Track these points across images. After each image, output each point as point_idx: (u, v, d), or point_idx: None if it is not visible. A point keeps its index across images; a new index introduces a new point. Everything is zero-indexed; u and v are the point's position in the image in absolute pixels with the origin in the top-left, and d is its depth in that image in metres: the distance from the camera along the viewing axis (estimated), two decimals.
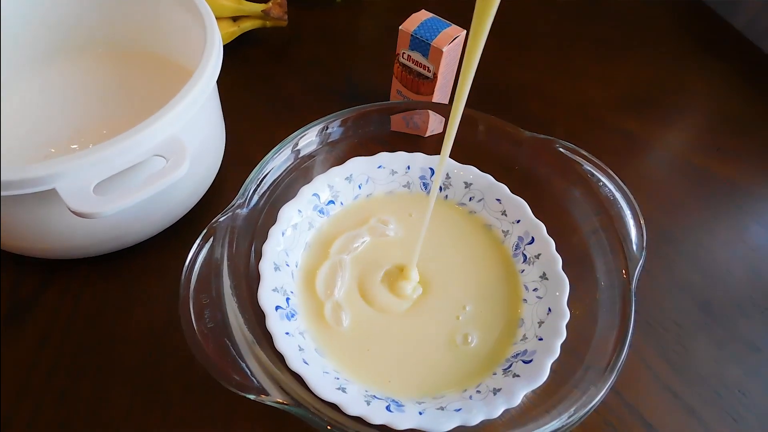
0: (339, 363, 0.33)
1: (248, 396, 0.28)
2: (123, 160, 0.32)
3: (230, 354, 0.30)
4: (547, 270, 0.36)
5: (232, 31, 0.56)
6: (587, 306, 0.35)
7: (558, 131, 0.55)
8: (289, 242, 0.36)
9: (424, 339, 0.34)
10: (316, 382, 0.29)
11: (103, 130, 0.45)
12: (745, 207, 0.51)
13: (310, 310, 0.35)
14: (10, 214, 0.34)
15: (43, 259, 0.40)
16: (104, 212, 0.31)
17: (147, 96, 0.47)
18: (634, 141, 0.56)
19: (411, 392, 0.32)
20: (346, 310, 0.35)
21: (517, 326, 0.35)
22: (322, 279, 0.36)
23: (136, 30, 0.49)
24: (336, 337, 0.34)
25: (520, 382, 0.31)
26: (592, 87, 0.61)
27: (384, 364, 0.33)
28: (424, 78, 0.47)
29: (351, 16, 0.66)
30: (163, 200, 0.39)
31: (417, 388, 0.32)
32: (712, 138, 0.57)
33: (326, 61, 0.60)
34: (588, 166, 0.38)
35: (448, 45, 0.44)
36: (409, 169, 0.41)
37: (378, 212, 0.40)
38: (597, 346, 0.33)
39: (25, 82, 0.47)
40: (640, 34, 0.68)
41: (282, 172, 0.37)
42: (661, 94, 0.61)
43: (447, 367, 0.33)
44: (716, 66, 0.65)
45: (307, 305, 0.35)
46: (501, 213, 0.40)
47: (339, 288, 0.36)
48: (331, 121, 0.38)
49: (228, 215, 0.33)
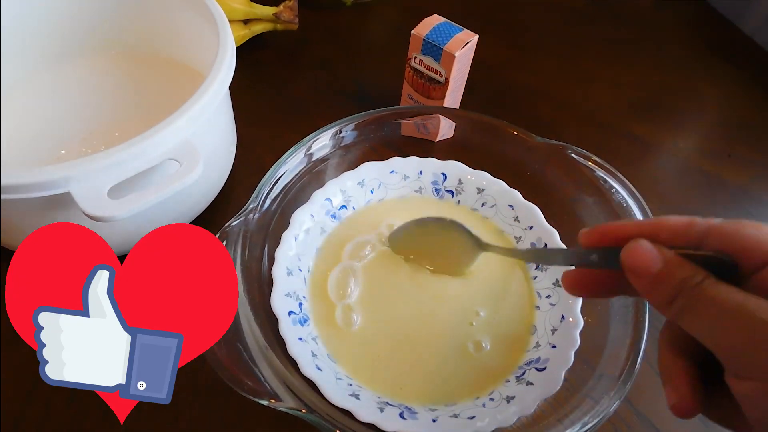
0: (351, 369, 0.33)
1: (261, 401, 0.28)
2: (137, 164, 0.32)
3: (243, 359, 0.30)
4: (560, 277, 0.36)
5: (243, 34, 0.56)
6: (599, 314, 0.35)
7: (568, 136, 0.55)
8: (302, 247, 0.36)
9: (436, 345, 0.34)
10: (329, 388, 0.29)
11: (114, 132, 0.45)
12: (756, 214, 0.51)
13: (322, 315, 0.35)
14: (22, 216, 0.34)
15: None
16: (118, 215, 0.31)
17: (158, 99, 0.47)
18: (644, 146, 0.56)
19: (424, 399, 0.32)
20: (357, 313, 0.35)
21: (530, 333, 0.35)
22: (334, 283, 0.36)
23: (149, 32, 0.49)
24: (348, 342, 0.34)
25: (533, 391, 0.31)
26: (602, 91, 0.60)
27: (396, 371, 0.33)
28: (436, 82, 0.47)
29: (361, 19, 0.66)
30: (175, 203, 0.39)
31: (430, 395, 0.32)
32: (723, 144, 0.57)
33: (336, 64, 0.60)
34: (600, 172, 0.38)
35: (461, 50, 0.44)
36: (422, 174, 0.41)
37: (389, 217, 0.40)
38: (610, 354, 0.32)
39: (39, 82, 0.47)
40: (650, 38, 0.68)
41: (295, 175, 0.37)
42: (671, 98, 0.61)
43: (460, 374, 0.33)
44: (726, 71, 0.64)
45: (318, 310, 0.35)
46: (514, 219, 0.39)
47: (351, 292, 0.36)
48: (345, 125, 0.38)
49: (240, 219, 0.33)
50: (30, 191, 0.31)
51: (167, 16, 0.47)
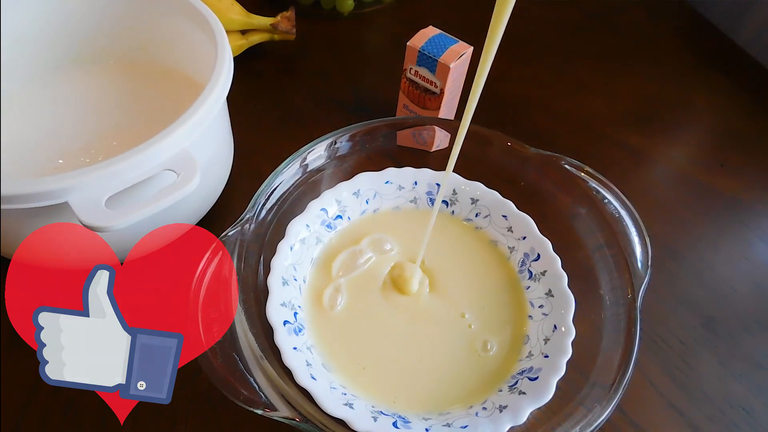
0: (345, 378, 0.33)
1: (255, 411, 0.28)
2: (135, 174, 0.33)
3: (238, 368, 0.30)
4: (552, 287, 0.37)
5: (240, 44, 0.57)
6: (592, 323, 0.35)
7: (562, 146, 0.56)
8: (297, 257, 0.37)
9: (429, 355, 0.34)
10: (323, 398, 0.29)
11: (113, 142, 0.46)
12: (749, 223, 0.51)
13: (317, 325, 0.35)
14: (20, 226, 0.35)
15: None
16: (116, 226, 0.31)
17: (156, 108, 0.48)
18: (637, 156, 0.56)
19: (417, 408, 0.32)
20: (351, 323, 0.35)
21: (523, 343, 0.35)
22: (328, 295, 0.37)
23: (146, 42, 0.49)
24: (342, 352, 0.34)
25: (526, 400, 0.31)
26: (596, 102, 0.61)
27: (390, 380, 0.33)
28: (431, 93, 0.48)
29: (358, 30, 0.67)
30: (172, 213, 0.39)
31: (423, 405, 0.32)
32: (716, 154, 0.58)
33: (333, 74, 0.60)
34: (593, 183, 0.39)
35: (455, 61, 0.45)
36: (416, 185, 0.41)
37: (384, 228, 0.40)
38: (602, 363, 0.33)
39: (37, 91, 0.48)
40: (644, 49, 0.69)
41: (291, 185, 0.38)
42: (664, 109, 0.61)
43: (452, 384, 0.33)
44: (720, 82, 0.65)
45: (313, 320, 0.35)
46: (507, 229, 0.40)
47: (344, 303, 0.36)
48: (340, 136, 0.39)
49: (237, 229, 0.34)
50: (29, 201, 0.31)
51: (165, 26, 0.47)
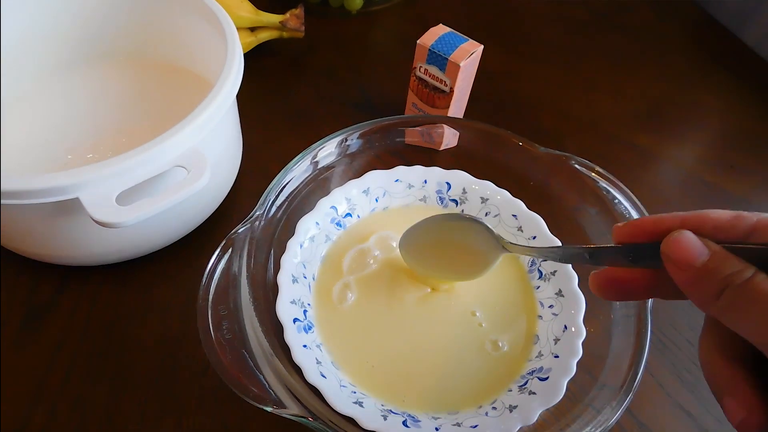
0: (355, 377, 0.33)
1: (265, 408, 0.28)
2: (145, 171, 0.33)
3: (248, 365, 0.30)
4: (563, 287, 0.36)
5: (249, 42, 0.57)
6: (602, 324, 0.35)
7: (570, 145, 0.55)
8: (307, 254, 0.37)
9: (439, 354, 0.34)
10: (333, 396, 0.29)
11: (122, 139, 0.46)
12: None
13: (326, 322, 0.35)
14: (30, 221, 0.35)
15: (59, 265, 0.41)
16: (126, 222, 0.31)
17: (165, 105, 0.48)
18: (646, 156, 0.56)
19: (426, 407, 0.32)
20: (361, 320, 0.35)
21: (533, 343, 0.35)
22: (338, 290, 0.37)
23: (157, 39, 0.49)
24: (351, 350, 0.34)
25: (536, 400, 0.31)
26: (604, 101, 0.61)
27: (400, 379, 0.33)
28: (440, 92, 0.47)
29: (367, 28, 0.66)
30: (181, 210, 0.39)
31: (433, 403, 0.32)
32: (725, 154, 0.57)
33: (341, 72, 0.60)
34: (603, 183, 0.39)
35: (465, 60, 0.45)
36: (426, 183, 0.41)
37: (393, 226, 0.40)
38: (612, 364, 0.33)
39: (47, 88, 0.48)
40: (652, 48, 0.69)
41: (300, 183, 0.38)
42: (672, 109, 0.61)
43: (462, 383, 0.33)
44: (728, 82, 0.65)
45: (322, 318, 0.35)
46: (517, 228, 0.40)
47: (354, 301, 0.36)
48: (351, 133, 0.39)
49: (247, 226, 0.34)
50: (40, 197, 0.31)
51: (175, 23, 0.47)
